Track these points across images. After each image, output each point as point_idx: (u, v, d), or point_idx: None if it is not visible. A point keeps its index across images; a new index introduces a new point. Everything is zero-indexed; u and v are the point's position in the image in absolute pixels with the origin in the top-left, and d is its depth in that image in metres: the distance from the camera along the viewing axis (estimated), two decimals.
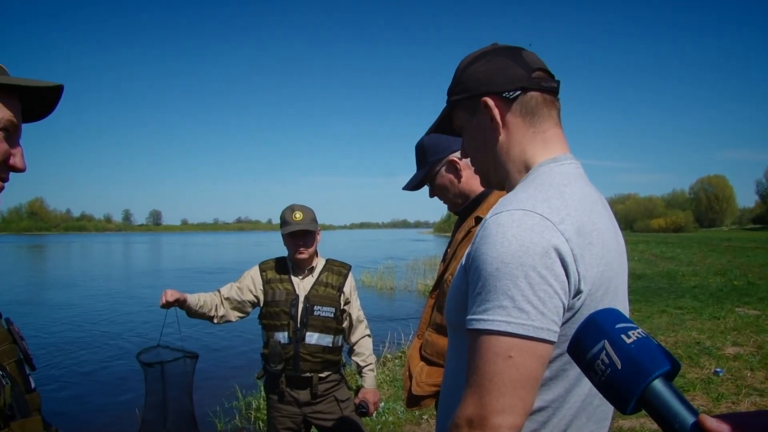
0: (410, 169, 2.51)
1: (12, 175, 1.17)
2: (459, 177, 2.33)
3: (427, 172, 2.38)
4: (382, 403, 6.28)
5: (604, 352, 0.74)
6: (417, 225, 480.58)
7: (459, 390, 1.14)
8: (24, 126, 1.16)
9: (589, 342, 0.76)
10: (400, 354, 9.13)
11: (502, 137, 1.32)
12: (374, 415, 5.89)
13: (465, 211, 2.37)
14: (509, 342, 1.05)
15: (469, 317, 1.11)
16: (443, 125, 1.50)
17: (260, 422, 6.49)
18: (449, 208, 2.47)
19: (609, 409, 1.29)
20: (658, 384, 0.70)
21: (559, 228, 1.09)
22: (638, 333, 0.74)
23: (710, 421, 0.64)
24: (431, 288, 2.39)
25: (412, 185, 2.45)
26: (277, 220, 3.60)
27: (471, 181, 2.31)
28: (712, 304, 12.75)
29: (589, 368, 0.76)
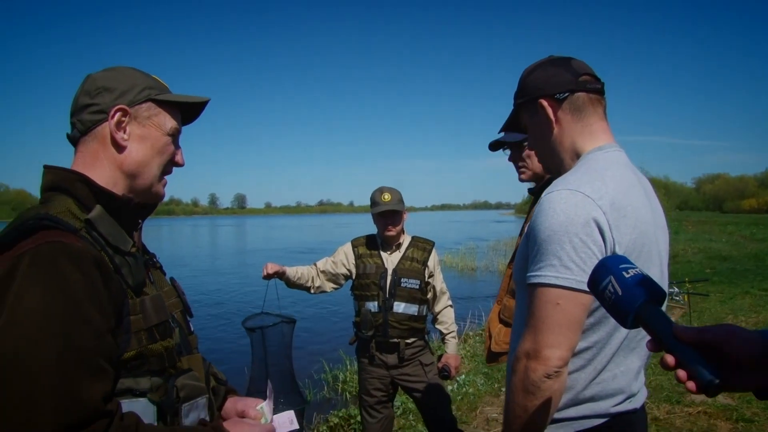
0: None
1: None
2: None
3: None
4: (463, 376, 6.58)
5: (611, 283, 1.02)
6: (498, 206, 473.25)
7: None
8: None
9: (601, 277, 1.05)
10: (480, 332, 9.30)
11: (556, 131, 1.62)
12: (456, 386, 6.21)
13: (540, 192, 2.67)
14: (557, 292, 1.36)
15: (527, 274, 1.43)
16: (512, 124, 1.82)
17: (347, 393, 6.92)
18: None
19: (644, 349, 1.56)
20: (648, 305, 0.98)
21: (598, 203, 1.39)
22: (635, 271, 1.02)
23: (680, 328, 0.93)
24: (510, 259, 2.70)
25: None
26: (358, 203, 4.00)
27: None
28: None
29: (601, 296, 1.05)
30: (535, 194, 2.71)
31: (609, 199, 1.40)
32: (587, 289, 1.33)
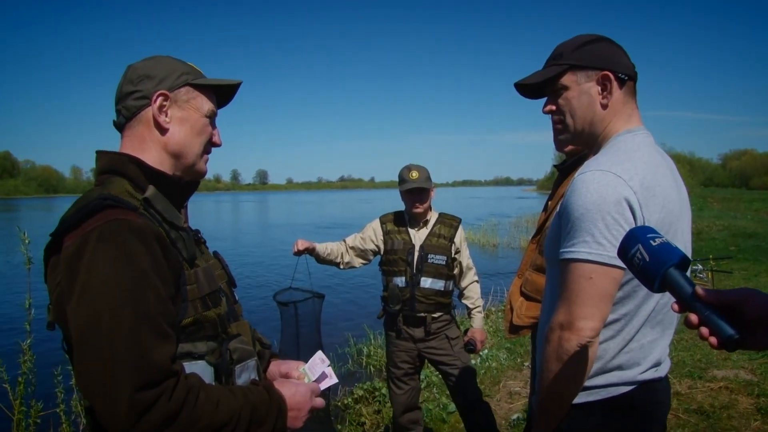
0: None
1: None
2: None
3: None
4: (486, 350, 6.67)
5: (639, 251, 1.11)
6: (520, 182, 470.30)
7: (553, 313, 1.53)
8: None
9: (630, 246, 1.13)
10: (502, 307, 9.37)
11: (604, 108, 1.66)
12: (479, 360, 6.31)
13: (567, 169, 2.69)
14: (590, 267, 1.44)
15: (561, 250, 1.51)
16: (541, 85, 1.74)
17: (371, 367, 7.04)
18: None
19: (669, 322, 1.65)
20: (673, 270, 1.06)
21: (629, 183, 1.46)
22: (662, 240, 1.11)
23: (702, 290, 1.01)
24: (533, 234, 2.75)
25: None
26: (379, 179, 4.02)
27: None
28: None
29: (630, 263, 1.14)
30: (562, 171, 2.74)
31: (639, 180, 1.47)
32: (618, 265, 1.41)
